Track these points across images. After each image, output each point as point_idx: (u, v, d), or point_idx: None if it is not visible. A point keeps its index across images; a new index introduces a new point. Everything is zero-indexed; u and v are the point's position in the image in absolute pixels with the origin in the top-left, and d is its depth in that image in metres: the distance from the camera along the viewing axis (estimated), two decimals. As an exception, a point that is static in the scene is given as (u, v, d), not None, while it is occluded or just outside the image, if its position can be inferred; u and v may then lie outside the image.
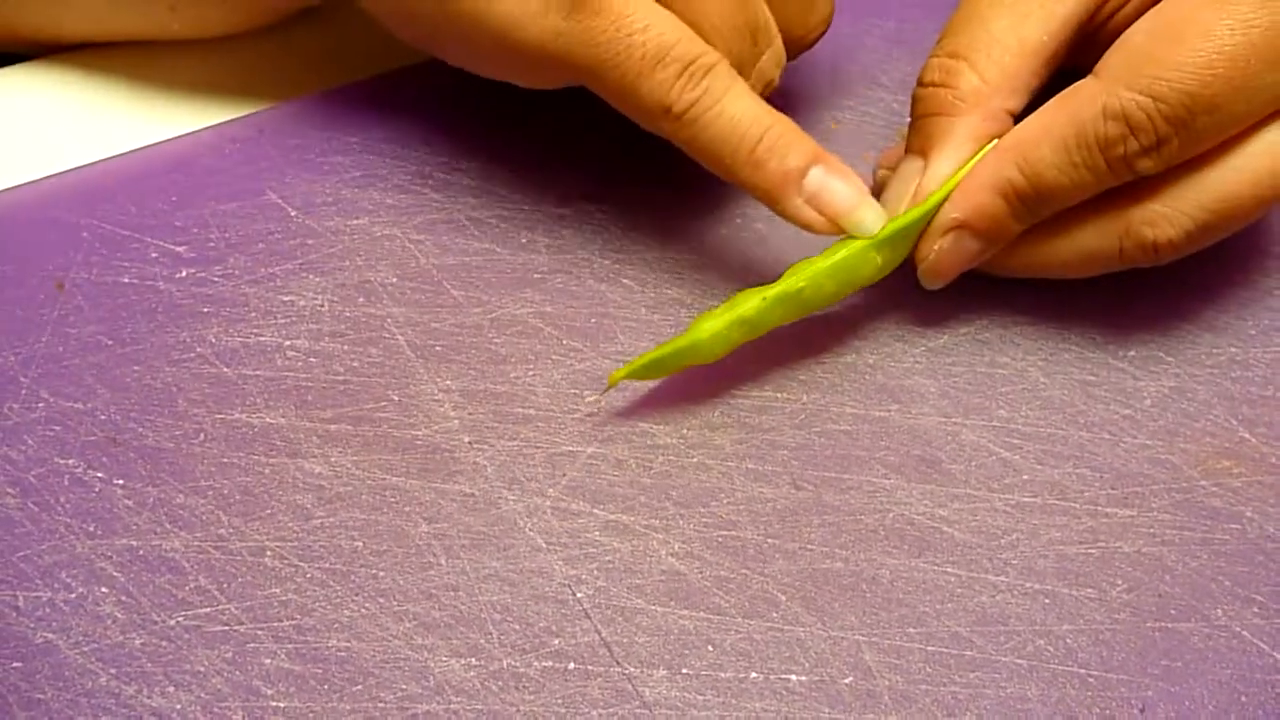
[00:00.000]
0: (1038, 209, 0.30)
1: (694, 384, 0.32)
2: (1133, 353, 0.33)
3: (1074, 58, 0.32)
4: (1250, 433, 0.31)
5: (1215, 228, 0.30)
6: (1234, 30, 0.28)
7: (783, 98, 0.38)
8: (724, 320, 0.30)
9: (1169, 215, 0.30)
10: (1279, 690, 0.27)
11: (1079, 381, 0.32)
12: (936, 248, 0.31)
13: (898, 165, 0.32)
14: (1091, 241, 0.31)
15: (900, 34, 0.41)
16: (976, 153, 0.31)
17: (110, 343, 0.32)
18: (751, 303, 0.30)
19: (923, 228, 0.31)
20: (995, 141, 0.31)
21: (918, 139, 0.31)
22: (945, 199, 0.31)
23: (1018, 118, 0.31)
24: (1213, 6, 0.28)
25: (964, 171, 0.30)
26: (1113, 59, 0.29)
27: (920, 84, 0.31)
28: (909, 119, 0.32)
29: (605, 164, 0.36)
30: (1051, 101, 0.30)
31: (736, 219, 0.35)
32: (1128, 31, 0.30)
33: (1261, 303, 0.34)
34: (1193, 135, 0.28)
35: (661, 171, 0.36)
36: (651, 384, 0.32)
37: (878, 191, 0.33)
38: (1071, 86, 0.30)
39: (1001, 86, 0.30)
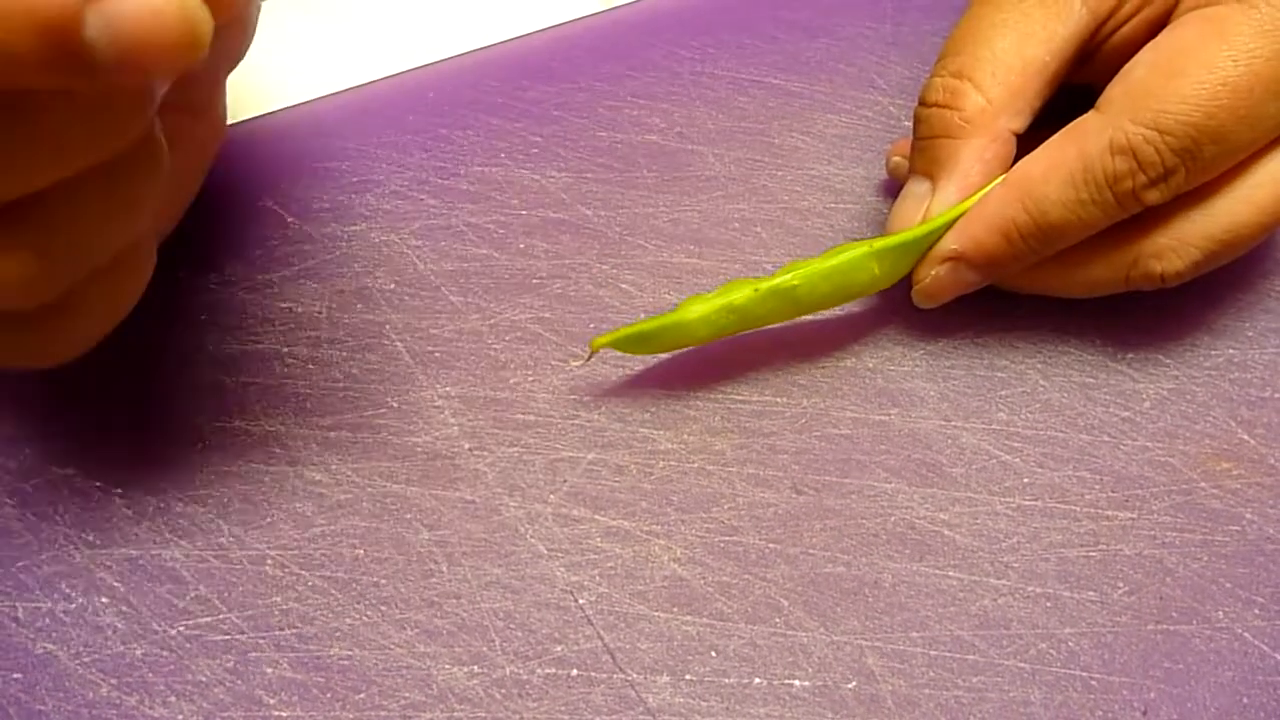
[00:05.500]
0: (1042, 248, 0.30)
1: (694, 388, 0.32)
2: (1131, 355, 0.33)
3: (1072, 75, 0.32)
4: (1249, 434, 0.31)
5: (1220, 256, 0.30)
6: (1237, 62, 0.28)
7: (775, 98, 0.38)
8: (713, 305, 0.30)
9: (1176, 248, 0.30)
10: (1280, 692, 0.27)
11: (1078, 384, 0.32)
12: (933, 274, 0.31)
13: (905, 176, 0.32)
14: (1099, 272, 0.31)
15: (897, 37, 0.41)
16: (983, 175, 0.30)
17: (108, 350, 0.32)
18: (743, 291, 0.30)
19: (924, 247, 0.31)
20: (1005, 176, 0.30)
21: (923, 161, 0.31)
22: (948, 224, 0.31)
23: (1020, 137, 0.31)
24: (1214, 38, 0.28)
25: (972, 201, 0.30)
26: (1115, 92, 0.29)
27: (924, 104, 0.31)
28: (911, 130, 0.32)
29: (602, 168, 0.36)
30: (1055, 137, 0.30)
31: (735, 224, 0.35)
32: (1129, 65, 0.30)
33: (1259, 305, 0.34)
34: (1199, 165, 0.28)
35: (660, 176, 0.36)
36: (652, 389, 0.32)
37: (893, 181, 0.32)
38: (1074, 122, 0.30)
39: (1006, 107, 0.30)
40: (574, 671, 0.27)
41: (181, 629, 0.27)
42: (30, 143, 0.20)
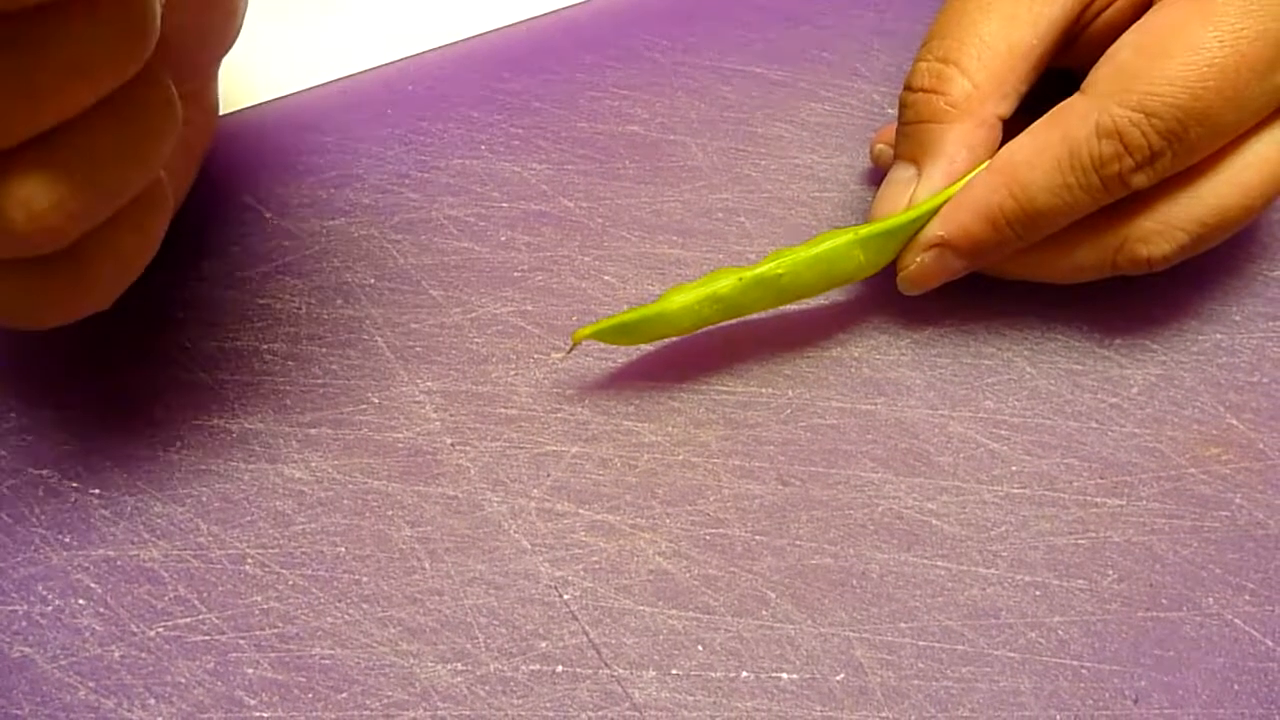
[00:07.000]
0: (1028, 234, 0.30)
1: (678, 380, 0.31)
2: (1119, 341, 0.32)
3: (1057, 59, 0.32)
4: (1237, 419, 0.31)
5: (1206, 239, 0.30)
6: (1223, 42, 0.28)
7: (758, 87, 0.38)
8: (696, 294, 0.30)
9: (1162, 232, 0.29)
10: (1271, 678, 0.27)
11: (1066, 371, 0.32)
12: (919, 260, 0.31)
13: (889, 164, 0.32)
14: (1085, 257, 0.30)
15: (881, 24, 0.40)
16: (969, 161, 0.30)
17: (84, 348, 0.31)
18: (727, 281, 0.30)
19: (909, 234, 0.31)
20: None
21: (909, 146, 0.31)
22: (934, 210, 0.30)
23: (1007, 122, 0.31)
24: (1199, 19, 0.28)
25: (957, 187, 0.30)
26: (1101, 75, 0.29)
27: (909, 89, 0.31)
28: (896, 118, 0.32)
29: (584, 160, 0.36)
30: (1041, 121, 0.29)
31: (719, 214, 0.35)
32: (1113, 47, 0.29)
33: (1246, 289, 0.34)
34: (1185, 148, 0.28)
35: (642, 167, 0.36)
36: (636, 381, 0.31)
37: (878, 169, 0.32)
38: (1060, 105, 0.29)
39: (992, 92, 0.30)
40: (559, 668, 0.27)
41: (160, 630, 0.27)
42: (55, 64, 0.21)
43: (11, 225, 0.22)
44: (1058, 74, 0.32)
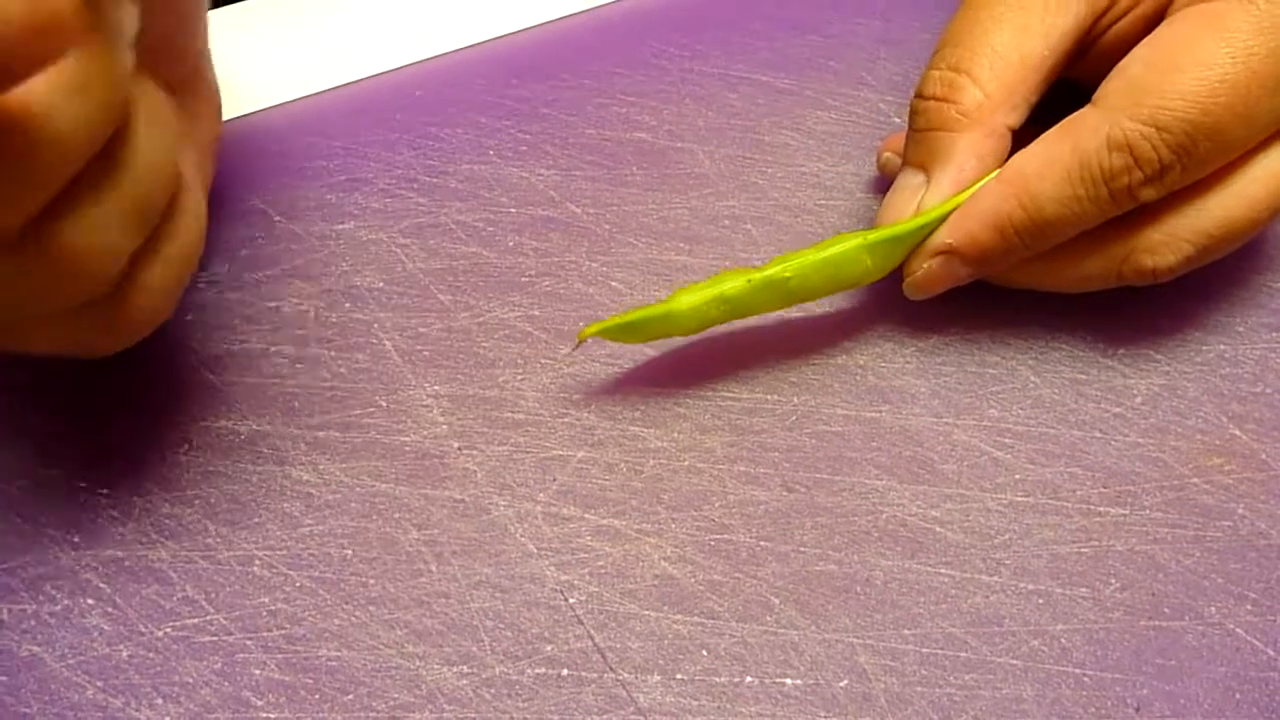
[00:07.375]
0: (1036, 244, 0.30)
1: (684, 386, 0.31)
2: (1123, 351, 0.33)
3: (1068, 70, 0.32)
4: (1240, 429, 0.31)
5: (1212, 251, 0.30)
6: (1235, 58, 0.28)
7: (764, 95, 0.38)
8: (704, 295, 0.30)
9: (1169, 243, 0.30)
10: (1273, 687, 0.27)
11: (1070, 380, 0.32)
12: (926, 266, 0.31)
13: (897, 173, 0.32)
14: (1091, 267, 0.31)
15: (887, 33, 0.40)
16: (978, 170, 0.30)
17: (93, 351, 0.32)
18: (735, 283, 0.30)
19: (917, 240, 0.31)
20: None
21: (918, 153, 0.31)
22: (942, 217, 0.30)
23: (1016, 132, 0.31)
24: (1212, 35, 0.28)
25: (966, 194, 0.30)
26: (1112, 88, 0.29)
27: (920, 96, 0.31)
28: (902, 127, 0.32)
29: (591, 166, 0.36)
30: (1051, 133, 0.30)
31: (725, 221, 0.35)
32: (1125, 60, 0.30)
33: (1250, 300, 0.34)
34: (1195, 162, 0.28)
35: (649, 174, 0.36)
36: (642, 387, 0.31)
37: (884, 177, 0.32)
38: (1070, 117, 0.30)
39: (1003, 102, 0.30)
40: (564, 671, 0.27)
41: (168, 630, 0.27)
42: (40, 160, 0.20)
43: (65, 266, 0.22)
44: (1068, 85, 0.32)
